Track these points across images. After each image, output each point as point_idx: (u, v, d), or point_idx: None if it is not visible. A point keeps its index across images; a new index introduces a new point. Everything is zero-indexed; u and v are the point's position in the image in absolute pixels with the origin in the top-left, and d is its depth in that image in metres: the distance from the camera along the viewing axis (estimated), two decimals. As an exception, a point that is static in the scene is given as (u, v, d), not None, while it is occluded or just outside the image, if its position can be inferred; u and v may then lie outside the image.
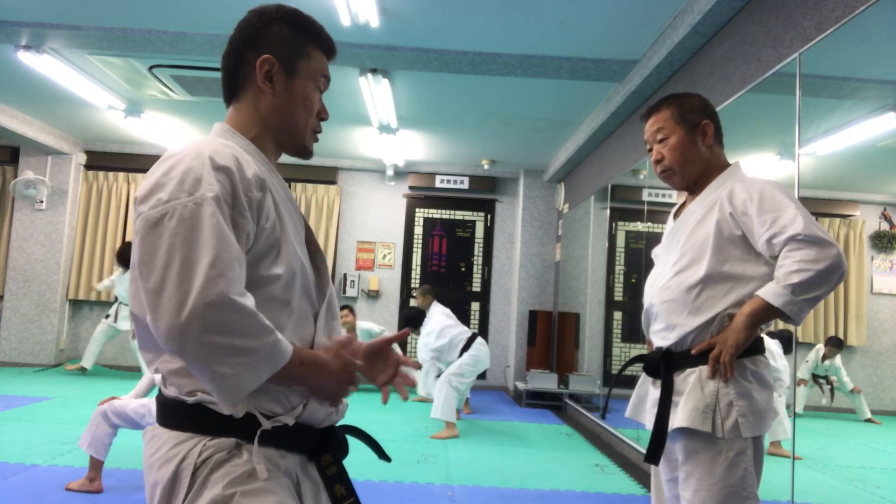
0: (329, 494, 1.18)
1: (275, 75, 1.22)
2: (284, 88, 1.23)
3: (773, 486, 2.87)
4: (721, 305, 1.71)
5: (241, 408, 1.08)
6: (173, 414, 1.11)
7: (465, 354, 5.39)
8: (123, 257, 6.69)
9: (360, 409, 6.05)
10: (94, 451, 3.21)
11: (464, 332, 5.57)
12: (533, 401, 6.98)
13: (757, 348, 1.72)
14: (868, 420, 3.55)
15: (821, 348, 3.66)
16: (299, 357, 1.09)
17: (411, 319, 5.82)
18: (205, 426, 1.08)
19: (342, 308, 6.68)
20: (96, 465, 3.24)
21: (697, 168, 1.86)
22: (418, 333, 5.70)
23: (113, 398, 3.28)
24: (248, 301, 1.02)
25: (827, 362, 3.64)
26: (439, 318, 5.72)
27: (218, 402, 1.04)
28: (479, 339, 5.56)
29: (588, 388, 6.31)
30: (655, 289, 1.85)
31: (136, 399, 3.27)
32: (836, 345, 3.61)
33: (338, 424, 1.25)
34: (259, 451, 1.07)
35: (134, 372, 7.51)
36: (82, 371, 7.20)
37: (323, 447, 1.19)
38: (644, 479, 4.05)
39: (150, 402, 3.21)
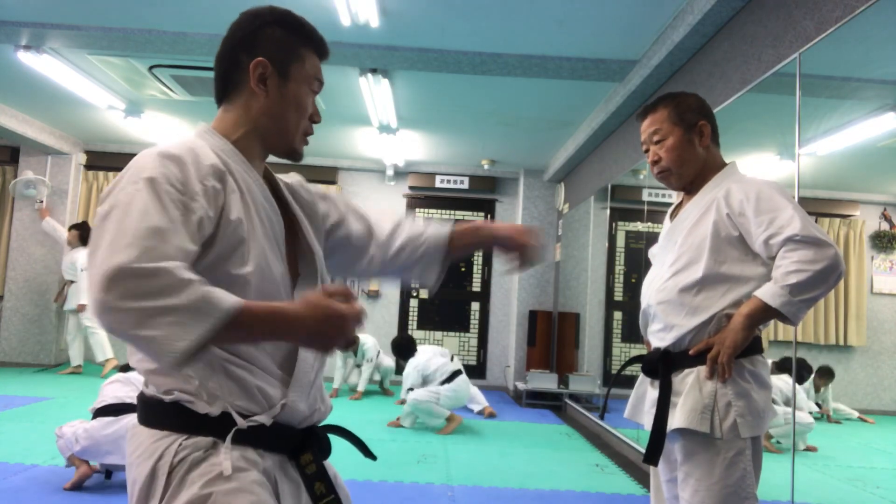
0: (309, 493, 1.18)
1: (268, 78, 1.22)
2: (277, 92, 1.23)
3: (773, 486, 2.87)
4: (719, 306, 1.71)
5: (217, 406, 1.08)
6: (151, 413, 1.12)
7: (446, 386, 5.28)
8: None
9: (360, 409, 6.05)
10: (65, 455, 3.30)
11: (448, 364, 5.48)
12: (533, 401, 6.98)
13: (755, 348, 1.71)
14: (860, 419, 3.55)
15: (811, 381, 3.65)
16: (253, 311, 1.02)
17: (401, 349, 5.81)
18: (182, 425, 1.09)
19: None
20: (74, 460, 3.31)
21: (695, 169, 1.85)
22: (405, 362, 5.62)
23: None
24: (163, 263, 0.97)
25: (822, 390, 3.64)
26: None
27: (159, 365, 1.03)
28: (463, 377, 5.46)
29: (588, 388, 6.31)
30: (652, 290, 1.85)
31: (81, 424, 3.31)
32: (826, 374, 3.60)
33: (321, 424, 1.26)
34: (230, 449, 1.07)
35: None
36: (77, 371, 7.19)
37: (303, 447, 1.19)
38: (644, 479, 4.05)
39: (79, 429, 3.24)
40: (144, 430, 1.12)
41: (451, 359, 6.52)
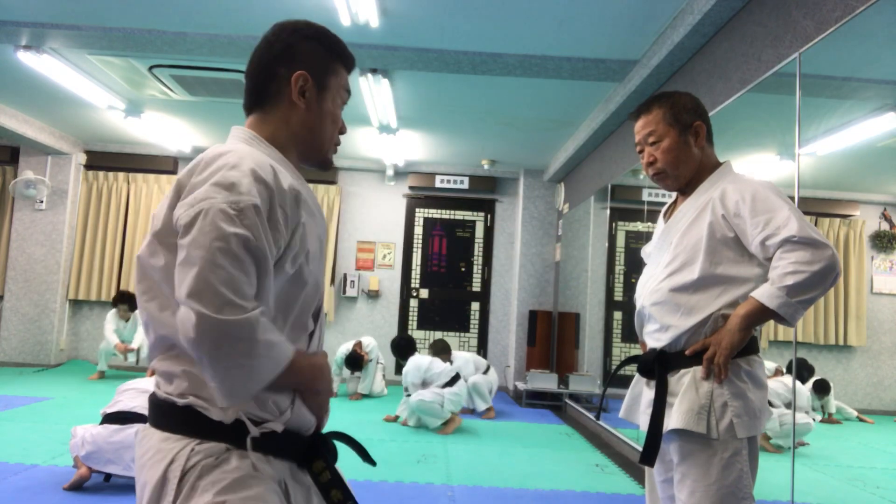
0: (326, 500, 1.18)
1: (307, 91, 1.25)
2: (316, 104, 1.27)
3: (773, 486, 2.87)
4: (714, 306, 1.70)
5: (230, 413, 1.08)
6: (163, 415, 1.12)
7: (448, 390, 5.33)
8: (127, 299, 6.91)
9: (360, 411, 6.05)
10: (74, 453, 3.31)
11: (449, 369, 5.56)
12: (533, 401, 6.98)
13: (751, 348, 1.71)
14: (859, 419, 3.55)
15: (811, 385, 3.64)
16: (303, 360, 1.13)
17: (400, 349, 5.91)
18: (194, 429, 1.09)
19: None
20: (78, 461, 3.32)
21: (690, 169, 1.84)
22: (404, 361, 5.68)
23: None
24: (262, 308, 1.06)
25: (823, 399, 3.64)
26: (462, 359, 6.28)
27: (223, 400, 1.04)
28: (462, 381, 5.56)
29: (588, 388, 6.31)
30: (647, 291, 1.84)
31: (92, 428, 3.32)
32: (822, 389, 3.59)
33: (323, 431, 1.27)
34: (249, 456, 1.09)
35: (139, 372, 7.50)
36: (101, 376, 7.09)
37: (313, 453, 1.20)
38: (644, 479, 4.05)
39: (87, 433, 3.26)
40: (156, 432, 1.12)
41: (487, 369, 6.42)
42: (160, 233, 1.12)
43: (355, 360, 6.50)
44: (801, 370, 3.44)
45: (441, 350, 6.16)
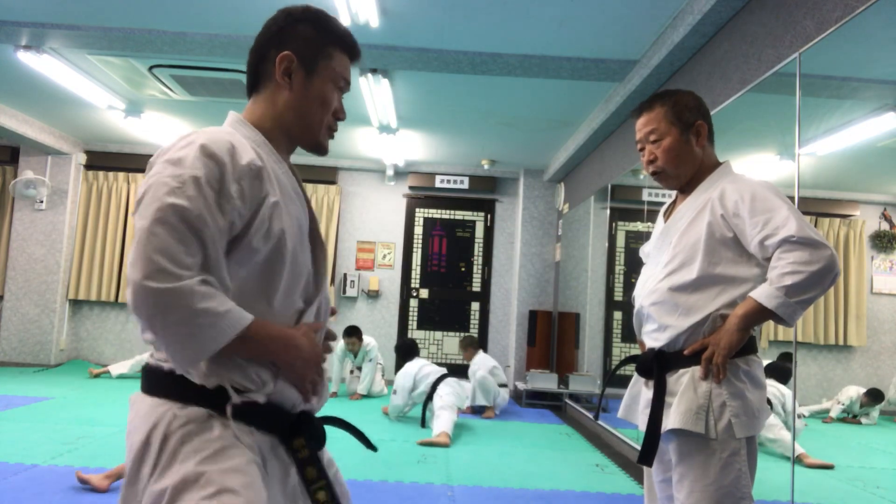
0: (301, 477, 1.20)
1: (293, 72, 1.27)
2: (302, 86, 1.27)
3: (773, 486, 2.87)
4: (713, 306, 1.70)
5: (212, 380, 1.11)
6: (151, 380, 1.16)
7: (447, 391, 5.38)
8: None
9: (360, 411, 6.05)
10: None
11: (437, 370, 5.62)
12: (533, 401, 6.98)
13: (750, 348, 1.71)
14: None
15: (858, 395, 3.59)
16: (264, 330, 1.12)
17: (401, 351, 6.00)
18: (177, 393, 1.11)
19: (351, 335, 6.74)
20: (120, 471, 3.27)
21: (691, 169, 1.83)
22: (404, 363, 5.79)
23: None
24: (201, 277, 1.07)
25: (865, 408, 3.60)
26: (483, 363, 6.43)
27: (175, 365, 1.08)
28: (448, 380, 5.52)
29: (588, 388, 6.31)
30: (646, 290, 1.84)
31: None
32: (875, 397, 3.55)
33: (318, 415, 1.28)
34: (234, 426, 1.11)
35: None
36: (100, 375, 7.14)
37: (296, 431, 1.21)
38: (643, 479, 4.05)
39: None
40: (146, 398, 1.15)
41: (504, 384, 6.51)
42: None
43: (353, 328, 6.68)
44: (785, 367, 3.41)
45: (469, 344, 6.63)
